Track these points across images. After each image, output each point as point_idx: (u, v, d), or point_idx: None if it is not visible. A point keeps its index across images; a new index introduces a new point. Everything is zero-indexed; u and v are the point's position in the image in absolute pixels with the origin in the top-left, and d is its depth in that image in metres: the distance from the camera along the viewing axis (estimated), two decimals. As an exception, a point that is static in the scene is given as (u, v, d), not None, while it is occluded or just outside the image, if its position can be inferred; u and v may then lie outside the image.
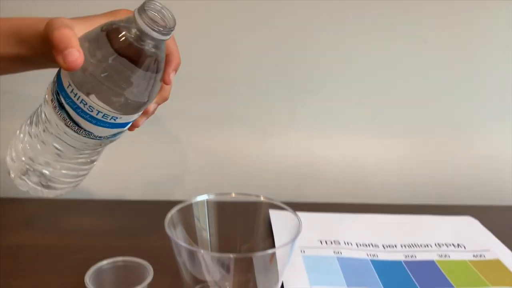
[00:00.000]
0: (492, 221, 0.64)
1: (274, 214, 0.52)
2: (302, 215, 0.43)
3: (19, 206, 0.65)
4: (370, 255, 0.55)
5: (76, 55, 0.39)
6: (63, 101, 0.44)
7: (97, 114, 0.44)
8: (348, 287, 0.49)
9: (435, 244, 0.58)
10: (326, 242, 0.58)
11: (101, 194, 0.73)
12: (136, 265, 0.45)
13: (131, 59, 0.42)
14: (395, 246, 0.58)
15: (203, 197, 0.48)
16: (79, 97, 0.43)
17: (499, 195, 0.75)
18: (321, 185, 0.75)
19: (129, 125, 0.47)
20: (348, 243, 0.57)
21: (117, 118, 0.44)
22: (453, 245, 0.58)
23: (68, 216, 0.63)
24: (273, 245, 0.51)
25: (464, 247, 0.58)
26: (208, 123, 0.73)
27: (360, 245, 0.57)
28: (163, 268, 0.46)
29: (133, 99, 0.44)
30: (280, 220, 0.51)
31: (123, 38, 0.41)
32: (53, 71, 0.45)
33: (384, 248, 0.57)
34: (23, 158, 0.48)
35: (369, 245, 0.57)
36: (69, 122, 0.44)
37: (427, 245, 0.58)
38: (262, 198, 0.48)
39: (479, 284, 0.51)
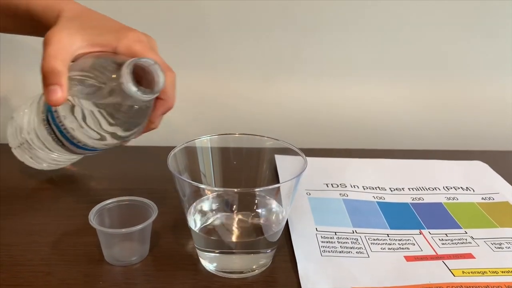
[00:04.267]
0: (502, 166, 0.63)
1: (279, 159, 0.51)
2: (308, 160, 0.42)
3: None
4: (376, 197, 0.55)
5: (58, 95, 0.40)
6: (50, 120, 0.47)
7: (78, 142, 0.47)
8: (354, 227, 0.49)
9: (443, 187, 0.57)
10: (332, 185, 0.57)
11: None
12: (140, 204, 0.45)
13: (115, 106, 0.43)
14: (402, 189, 0.57)
15: (206, 137, 0.47)
16: (63, 125, 0.46)
17: (510, 140, 0.73)
18: (327, 131, 0.74)
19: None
20: (354, 186, 0.57)
21: (95, 148, 0.47)
22: (461, 188, 0.57)
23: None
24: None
25: (473, 190, 0.57)
26: (208, 68, 0.71)
27: (367, 188, 0.57)
28: (167, 208, 0.46)
29: (112, 141, 0.46)
30: (285, 164, 0.50)
31: (109, 90, 0.42)
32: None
33: (391, 191, 0.56)
34: (21, 134, 0.52)
35: (375, 188, 0.57)
36: (54, 138, 0.48)
37: (435, 188, 0.57)
38: (266, 138, 0.47)
39: (488, 225, 0.50)
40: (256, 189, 0.41)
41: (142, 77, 0.43)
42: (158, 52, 0.48)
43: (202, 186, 0.42)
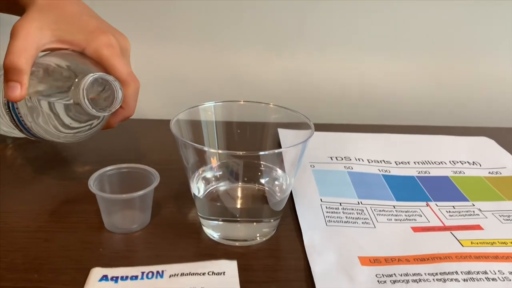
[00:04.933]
0: (509, 142, 0.61)
1: (282, 133, 0.50)
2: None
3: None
4: (382, 170, 0.54)
5: (17, 93, 0.40)
6: (11, 108, 0.46)
7: (34, 133, 0.47)
8: (359, 199, 0.48)
9: (450, 162, 0.56)
10: (336, 158, 0.56)
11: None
12: (141, 171, 0.43)
13: (70, 112, 0.43)
14: (408, 163, 0.56)
15: (210, 103, 0.45)
16: (21, 116, 0.46)
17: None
18: (331, 105, 0.73)
19: None
20: (359, 159, 0.56)
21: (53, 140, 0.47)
22: (468, 162, 0.56)
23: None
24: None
25: (480, 165, 0.56)
26: (209, 39, 0.70)
27: (372, 161, 0.56)
28: (169, 179, 0.44)
29: (65, 139, 0.47)
30: (289, 137, 0.49)
31: (66, 97, 0.42)
32: None
33: (396, 164, 0.55)
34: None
35: (381, 162, 0.56)
36: (14, 123, 0.48)
37: (441, 162, 0.56)
38: (271, 105, 0.46)
39: (496, 198, 0.49)
40: (261, 153, 0.40)
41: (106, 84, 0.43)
42: (128, 57, 0.47)
43: (205, 148, 0.41)
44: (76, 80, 0.41)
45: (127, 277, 0.35)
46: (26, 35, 0.40)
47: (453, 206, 0.47)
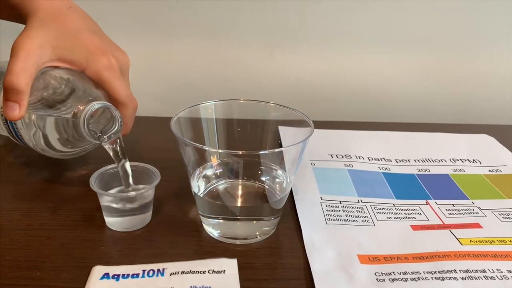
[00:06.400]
0: (509, 140, 0.62)
1: (283, 130, 0.50)
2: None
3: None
4: (382, 168, 0.54)
5: (15, 113, 0.40)
6: (8, 121, 0.47)
7: (33, 148, 0.48)
8: (359, 197, 0.48)
9: (450, 160, 0.56)
10: (336, 156, 0.56)
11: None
12: (142, 170, 0.44)
13: (68, 135, 0.45)
14: (408, 160, 0.56)
15: (210, 102, 0.45)
16: (18, 131, 0.47)
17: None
18: (331, 103, 0.73)
19: None
20: (359, 157, 0.56)
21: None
22: (468, 160, 0.56)
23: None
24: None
25: (480, 163, 0.56)
26: (209, 36, 0.70)
27: (372, 159, 0.56)
28: (169, 177, 0.45)
29: (59, 156, 0.48)
30: (289, 135, 0.49)
31: (65, 121, 0.43)
32: None
33: (396, 162, 0.56)
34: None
35: (381, 159, 0.56)
36: (11, 134, 0.49)
37: (441, 160, 0.56)
38: (271, 104, 0.46)
39: (495, 196, 0.49)
40: (261, 152, 0.40)
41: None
42: (127, 75, 0.47)
43: (206, 147, 0.41)
44: (77, 110, 0.42)
45: (128, 275, 0.35)
46: (27, 54, 0.40)
47: (452, 204, 0.47)
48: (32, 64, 0.40)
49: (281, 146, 0.52)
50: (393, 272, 0.37)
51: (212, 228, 0.41)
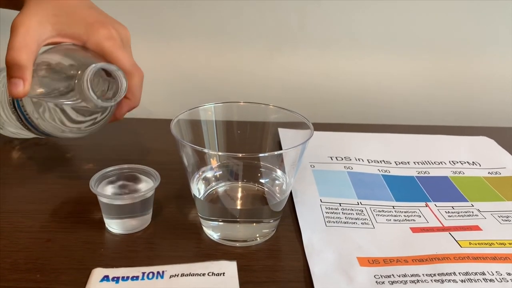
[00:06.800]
0: (508, 142, 0.62)
1: (283, 132, 0.50)
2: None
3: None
4: (381, 170, 0.54)
5: (19, 89, 0.39)
6: (16, 105, 0.47)
7: (42, 131, 0.48)
8: (359, 199, 0.48)
9: (449, 162, 0.57)
10: (336, 158, 0.56)
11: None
12: (142, 172, 0.44)
13: (76, 105, 0.43)
14: (408, 163, 0.56)
15: (210, 104, 0.46)
16: (27, 113, 0.46)
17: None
18: (331, 104, 0.73)
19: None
20: (359, 159, 0.56)
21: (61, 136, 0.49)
22: (467, 162, 0.57)
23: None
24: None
25: (479, 165, 0.56)
26: (209, 38, 0.70)
27: (372, 161, 0.56)
28: (169, 179, 0.45)
29: (73, 134, 0.48)
30: (289, 137, 0.49)
31: (71, 90, 0.41)
32: None
33: (396, 164, 0.56)
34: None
35: (380, 162, 0.56)
36: (21, 122, 0.48)
37: (441, 163, 0.56)
38: (271, 106, 0.46)
39: (495, 199, 0.49)
40: (261, 155, 0.40)
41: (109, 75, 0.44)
42: (129, 48, 0.47)
43: (206, 150, 0.41)
44: (79, 72, 0.41)
45: (128, 277, 0.35)
46: (26, 30, 0.40)
47: (452, 207, 0.47)
48: (32, 40, 0.40)
49: (280, 148, 0.52)
50: (393, 275, 0.37)
51: (212, 231, 0.41)
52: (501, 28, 0.70)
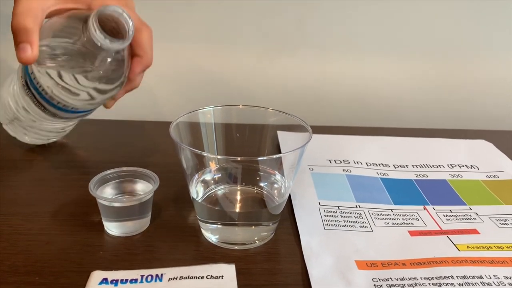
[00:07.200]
0: (507, 146, 0.62)
1: (282, 135, 0.50)
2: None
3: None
4: (380, 174, 0.54)
5: (28, 53, 0.39)
6: (29, 82, 0.46)
7: (57, 103, 0.46)
8: (357, 202, 0.48)
9: (447, 165, 0.57)
10: (335, 161, 0.56)
11: (104, 115, 0.71)
12: (141, 174, 0.44)
13: (86, 60, 0.43)
14: (406, 166, 0.56)
15: (209, 108, 0.46)
16: (40, 85, 0.45)
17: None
18: (330, 108, 0.73)
19: (93, 110, 0.50)
20: (357, 162, 0.56)
21: (77, 108, 0.47)
22: (466, 166, 0.57)
23: (72, 136, 0.62)
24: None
25: (477, 168, 0.56)
26: (209, 41, 0.70)
27: (370, 164, 0.56)
28: (168, 182, 0.45)
29: (91, 98, 0.46)
30: (288, 140, 0.49)
31: (81, 45, 0.42)
32: None
33: (394, 167, 0.56)
34: (11, 110, 0.52)
35: (379, 165, 0.56)
36: (36, 103, 0.47)
37: (439, 166, 0.56)
38: (270, 110, 0.46)
39: (493, 202, 0.49)
40: (260, 158, 0.40)
41: (118, 32, 0.43)
42: (134, 10, 0.47)
43: (204, 153, 0.41)
44: (84, 29, 0.41)
45: (126, 280, 0.36)
46: None
47: (450, 210, 0.48)
48: (37, 5, 0.40)
49: (279, 151, 0.52)
50: (391, 278, 0.37)
51: (211, 234, 0.41)
52: (500, 32, 0.70)
